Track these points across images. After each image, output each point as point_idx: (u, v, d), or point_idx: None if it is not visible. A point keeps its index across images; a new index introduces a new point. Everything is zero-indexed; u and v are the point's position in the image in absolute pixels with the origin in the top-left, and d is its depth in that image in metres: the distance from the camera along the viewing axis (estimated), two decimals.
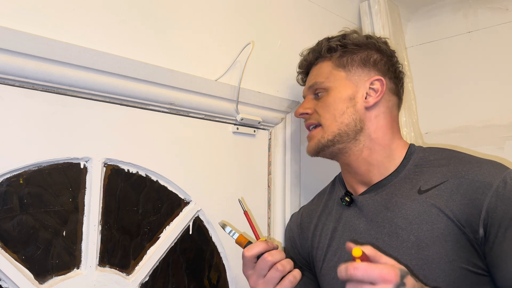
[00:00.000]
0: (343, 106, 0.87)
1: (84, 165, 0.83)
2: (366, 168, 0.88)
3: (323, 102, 0.90)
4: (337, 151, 0.89)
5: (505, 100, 1.31)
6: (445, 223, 0.74)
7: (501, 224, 0.71)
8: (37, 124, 0.76)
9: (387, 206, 0.82)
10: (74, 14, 0.80)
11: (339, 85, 0.89)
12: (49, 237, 0.78)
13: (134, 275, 0.87)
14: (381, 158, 0.87)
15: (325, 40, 0.95)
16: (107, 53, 0.81)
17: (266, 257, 0.77)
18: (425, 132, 1.47)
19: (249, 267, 0.81)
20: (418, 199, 0.79)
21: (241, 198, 1.01)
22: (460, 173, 0.77)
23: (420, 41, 1.54)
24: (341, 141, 0.87)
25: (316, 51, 0.96)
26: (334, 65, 0.91)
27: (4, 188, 0.73)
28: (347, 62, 0.90)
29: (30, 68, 0.73)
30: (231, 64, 1.05)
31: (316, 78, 0.93)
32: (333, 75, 0.90)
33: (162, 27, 0.93)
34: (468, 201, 0.74)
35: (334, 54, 0.92)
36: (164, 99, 0.92)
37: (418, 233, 0.76)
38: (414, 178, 0.82)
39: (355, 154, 0.88)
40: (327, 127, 0.88)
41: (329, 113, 0.88)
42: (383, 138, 0.88)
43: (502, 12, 1.34)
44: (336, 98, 0.88)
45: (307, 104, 0.94)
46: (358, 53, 0.91)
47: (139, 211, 0.90)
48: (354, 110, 0.87)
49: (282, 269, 0.77)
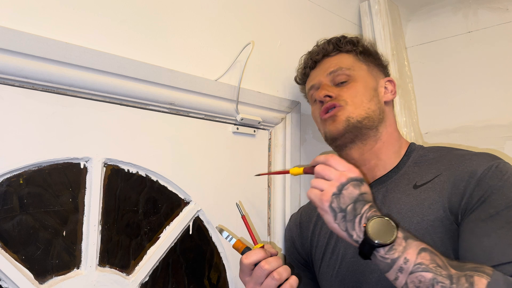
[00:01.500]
0: (370, 94, 0.90)
1: (84, 165, 0.83)
2: (375, 163, 0.89)
3: (350, 88, 0.90)
4: (359, 135, 0.87)
5: (505, 100, 1.31)
6: (435, 214, 0.75)
7: (472, 207, 0.72)
8: (37, 124, 0.76)
9: (385, 202, 0.84)
10: (74, 14, 0.80)
11: (364, 75, 0.92)
12: (49, 237, 0.78)
13: (134, 275, 0.87)
14: (390, 153, 0.89)
15: (342, 37, 0.98)
16: (107, 53, 0.81)
17: (263, 265, 0.77)
18: (425, 132, 1.47)
19: (246, 274, 0.80)
20: (413, 193, 0.80)
21: (239, 202, 1.01)
22: (452, 166, 0.78)
23: (420, 41, 1.54)
24: (367, 126, 0.87)
25: (334, 44, 0.97)
26: (356, 58, 0.94)
27: (4, 188, 0.73)
28: (366, 58, 0.95)
29: (30, 68, 0.73)
30: (231, 64, 1.05)
31: (340, 64, 0.93)
32: (357, 65, 0.93)
33: (162, 27, 0.93)
34: (456, 190, 0.75)
35: (355, 49, 0.95)
36: (164, 99, 0.92)
37: (409, 226, 0.77)
38: (411, 175, 0.84)
39: (370, 144, 0.88)
40: (354, 108, 0.87)
41: (358, 97, 0.89)
42: (394, 133, 0.91)
43: (502, 12, 1.34)
44: (364, 86, 0.90)
45: (329, 87, 0.91)
46: (373, 54, 0.97)
47: (139, 211, 0.90)
48: (377, 100, 0.90)
49: (278, 277, 0.76)
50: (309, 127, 1.25)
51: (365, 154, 0.89)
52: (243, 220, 0.87)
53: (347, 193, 0.70)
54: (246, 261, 0.78)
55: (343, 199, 0.70)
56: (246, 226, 0.86)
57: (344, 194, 0.70)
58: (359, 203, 0.70)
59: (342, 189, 0.70)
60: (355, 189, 0.71)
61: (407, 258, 0.64)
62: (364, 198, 0.71)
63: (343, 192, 0.70)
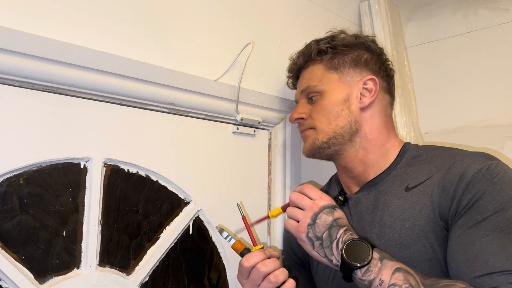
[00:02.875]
0: (338, 108, 0.86)
1: (84, 165, 0.83)
2: (362, 169, 0.87)
3: (317, 106, 0.89)
4: (332, 153, 0.88)
5: (505, 100, 1.31)
6: (426, 219, 0.74)
7: (460, 212, 0.70)
8: (37, 124, 0.76)
9: (377, 204, 0.82)
10: (74, 14, 0.80)
11: (332, 87, 0.88)
12: (49, 237, 0.78)
13: (134, 275, 0.87)
14: (377, 158, 0.87)
15: (314, 43, 0.94)
16: (107, 53, 0.81)
17: (260, 267, 0.77)
18: (425, 132, 1.47)
19: (244, 275, 0.80)
20: (404, 196, 0.79)
21: (240, 202, 1.01)
22: (443, 167, 0.76)
23: (420, 41, 1.54)
24: (336, 143, 0.87)
25: (306, 54, 0.94)
26: (326, 68, 0.90)
27: (4, 188, 0.73)
28: (339, 63, 0.89)
29: (30, 68, 0.73)
30: (231, 64, 1.05)
31: (309, 82, 0.92)
32: (325, 77, 0.89)
33: (162, 27, 0.93)
34: (446, 194, 0.73)
35: (324, 57, 0.91)
36: (164, 99, 0.92)
37: (401, 231, 0.76)
38: (404, 176, 0.82)
39: (350, 156, 0.87)
40: (321, 130, 0.87)
41: (324, 116, 0.87)
42: (379, 137, 0.87)
43: (502, 12, 1.34)
44: (331, 101, 0.87)
45: (301, 109, 0.93)
46: (348, 54, 0.90)
47: (139, 211, 0.90)
48: (349, 112, 0.86)
49: (274, 280, 0.77)
50: None
51: (350, 163, 0.88)
52: (243, 220, 0.87)
53: (321, 222, 0.74)
54: (246, 264, 0.78)
55: (318, 227, 0.74)
56: (246, 227, 0.86)
57: (318, 223, 0.74)
58: (334, 228, 0.73)
59: (316, 219, 0.75)
60: (328, 216, 0.75)
61: (382, 279, 0.66)
62: (338, 223, 0.74)
63: (317, 221, 0.74)
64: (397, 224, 0.77)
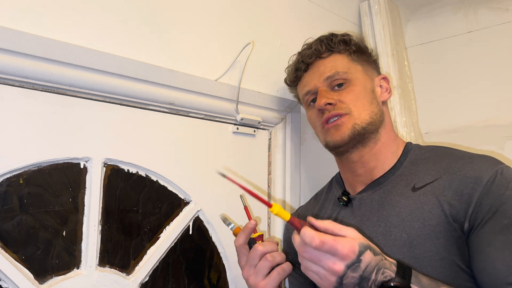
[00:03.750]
0: (370, 96, 0.88)
1: (84, 165, 0.83)
2: (373, 164, 0.87)
3: (349, 92, 0.87)
4: (362, 140, 0.86)
5: (505, 100, 1.31)
6: (436, 220, 0.74)
7: (484, 217, 0.71)
8: (37, 124, 0.76)
9: (383, 204, 0.82)
10: (74, 14, 0.80)
11: (360, 77, 0.89)
12: (49, 237, 0.78)
13: (134, 275, 0.87)
14: (389, 153, 0.87)
15: (332, 35, 0.94)
16: (107, 53, 0.81)
17: (257, 246, 0.79)
18: (425, 132, 1.47)
19: (242, 257, 0.82)
20: (412, 196, 0.79)
21: (243, 194, 1.01)
22: (452, 169, 0.77)
23: (420, 41, 1.54)
24: (370, 130, 0.86)
25: (327, 44, 0.92)
26: (350, 59, 0.91)
27: (4, 188, 0.73)
28: (360, 57, 0.92)
29: (30, 68, 0.73)
30: (231, 64, 1.05)
31: (336, 68, 0.89)
32: (352, 67, 0.90)
33: (162, 27, 0.93)
34: (459, 197, 0.74)
35: (348, 48, 0.92)
36: (164, 99, 0.92)
37: (410, 231, 0.76)
38: (409, 176, 0.82)
39: (370, 146, 0.87)
40: (358, 114, 0.85)
41: (359, 101, 0.86)
42: (391, 133, 0.90)
43: (502, 12, 1.34)
44: (363, 88, 0.88)
45: (328, 94, 0.88)
46: (366, 51, 0.94)
47: (139, 211, 0.90)
48: (377, 101, 0.89)
49: (271, 259, 0.77)
50: (309, 127, 1.25)
51: (364, 156, 0.87)
52: (245, 210, 0.89)
53: (348, 282, 0.63)
54: (235, 243, 0.82)
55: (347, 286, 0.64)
56: (248, 217, 0.87)
57: (346, 284, 0.63)
58: (364, 280, 0.64)
59: (342, 281, 0.63)
60: (354, 273, 0.63)
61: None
62: (368, 271, 0.64)
63: (344, 282, 0.63)
64: (406, 224, 0.77)
